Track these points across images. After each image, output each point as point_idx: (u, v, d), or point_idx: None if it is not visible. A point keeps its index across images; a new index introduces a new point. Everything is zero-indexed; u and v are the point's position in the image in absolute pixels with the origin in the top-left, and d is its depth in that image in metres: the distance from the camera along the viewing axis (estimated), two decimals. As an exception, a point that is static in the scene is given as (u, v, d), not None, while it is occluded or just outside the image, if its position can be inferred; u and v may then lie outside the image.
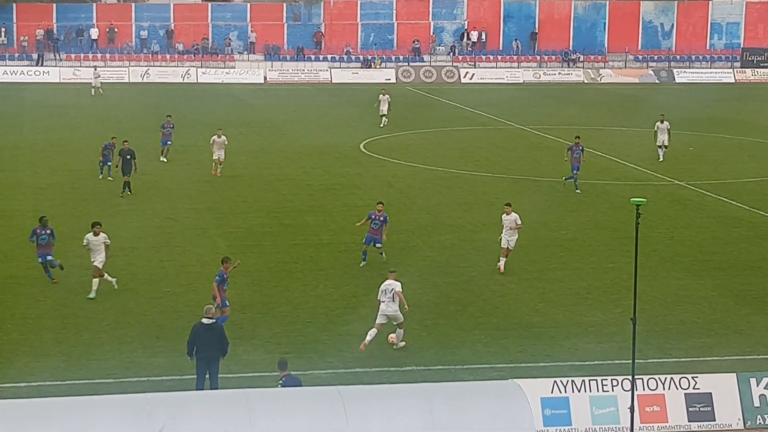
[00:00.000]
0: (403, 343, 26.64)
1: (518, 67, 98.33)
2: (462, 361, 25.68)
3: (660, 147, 52.85)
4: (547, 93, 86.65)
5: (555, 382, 22.30)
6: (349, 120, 68.11)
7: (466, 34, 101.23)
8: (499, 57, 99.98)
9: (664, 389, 22.43)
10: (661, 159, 52.57)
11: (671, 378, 22.59)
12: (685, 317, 29.27)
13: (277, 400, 20.50)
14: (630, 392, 21.33)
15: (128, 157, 44.05)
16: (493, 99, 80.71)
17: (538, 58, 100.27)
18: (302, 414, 20.08)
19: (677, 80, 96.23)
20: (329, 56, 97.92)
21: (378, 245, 33.65)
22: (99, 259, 30.20)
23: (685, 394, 22.45)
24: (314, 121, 67.52)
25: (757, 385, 22.58)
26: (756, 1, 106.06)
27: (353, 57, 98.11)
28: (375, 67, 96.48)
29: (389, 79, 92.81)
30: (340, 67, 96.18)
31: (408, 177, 48.96)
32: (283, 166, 50.99)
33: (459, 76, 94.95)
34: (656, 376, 22.66)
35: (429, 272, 33.16)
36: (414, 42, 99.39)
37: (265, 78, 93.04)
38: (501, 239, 33.23)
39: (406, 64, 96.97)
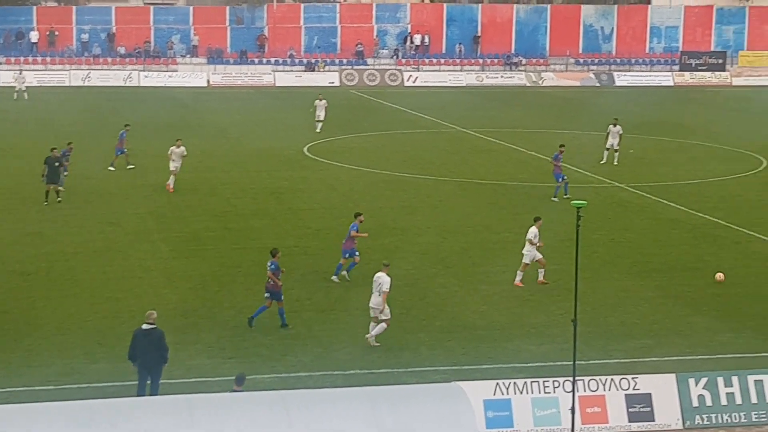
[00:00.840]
0: (376, 343, 26.77)
1: (461, 71, 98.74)
2: (406, 364, 25.78)
3: (608, 149, 53.32)
4: (489, 96, 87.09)
5: (497, 384, 22.46)
6: (292, 123, 68.08)
7: (409, 38, 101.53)
8: (443, 60, 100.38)
9: (604, 390, 22.66)
10: (604, 161, 53.03)
11: (612, 379, 22.82)
12: (626, 318, 29.58)
13: (220, 405, 20.48)
14: (571, 393, 21.54)
15: (56, 164, 42.75)
16: (436, 102, 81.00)
17: (481, 61, 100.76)
18: (245, 419, 20.09)
19: (617, 83, 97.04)
20: (273, 59, 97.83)
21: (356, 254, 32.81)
22: None
23: (625, 394, 22.69)
24: (258, 125, 67.45)
25: (696, 386, 22.87)
26: (694, 5, 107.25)
27: (297, 60, 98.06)
28: (318, 71, 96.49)
29: (333, 83, 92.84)
30: (283, 71, 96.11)
31: (351, 180, 49.05)
32: (227, 170, 50.87)
33: (402, 79, 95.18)
34: (597, 377, 22.88)
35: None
36: (357, 45, 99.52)
37: (208, 81, 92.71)
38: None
39: (350, 67, 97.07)
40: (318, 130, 62.74)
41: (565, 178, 45.23)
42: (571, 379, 21.64)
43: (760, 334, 28.38)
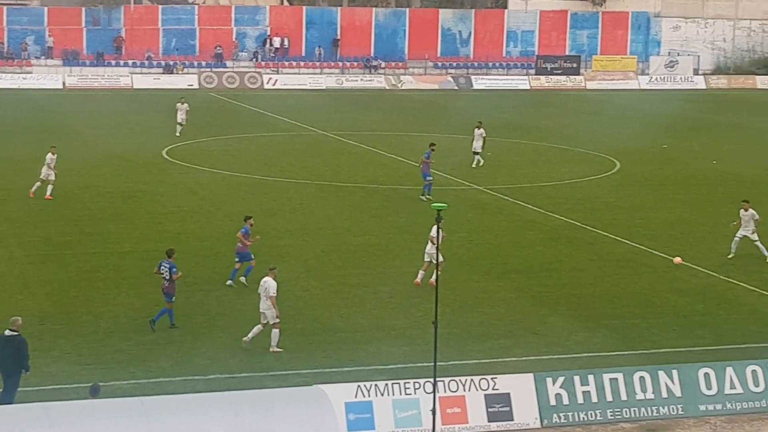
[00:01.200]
0: (278, 349, 26.76)
1: (321, 74, 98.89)
2: (267, 367, 25.72)
3: (475, 153, 53.97)
4: (349, 99, 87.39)
5: (359, 386, 22.56)
6: (151, 126, 67.31)
7: (268, 41, 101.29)
8: (302, 63, 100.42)
9: (464, 391, 22.92)
10: (474, 165, 53.65)
11: (471, 380, 23.10)
12: (485, 319, 29.99)
13: (78, 413, 20.17)
14: (432, 395, 21.75)
15: None
16: (296, 105, 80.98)
17: (341, 64, 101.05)
18: (104, 426, 19.82)
19: (475, 87, 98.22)
20: (130, 61, 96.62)
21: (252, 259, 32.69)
22: None
23: (484, 395, 22.98)
24: (115, 128, 66.47)
25: (554, 385, 23.30)
26: (549, 9, 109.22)
27: (155, 62, 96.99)
28: (177, 73, 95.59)
29: (192, 85, 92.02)
30: (141, 73, 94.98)
31: (212, 184, 48.73)
32: (83, 174, 50.01)
33: (262, 82, 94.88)
34: (457, 378, 23.14)
35: (225, 281, 33.04)
36: (216, 48, 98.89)
37: (63, 83, 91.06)
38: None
39: (209, 69, 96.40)
40: (178, 134, 62.05)
41: (431, 178, 45.67)
42: (431, 380, 21.85)
43: (615, 333, 29.06)
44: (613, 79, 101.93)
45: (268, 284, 27.05)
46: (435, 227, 32.66)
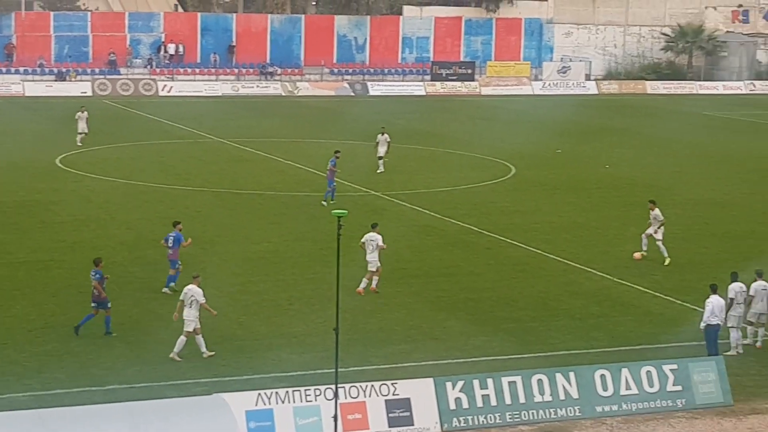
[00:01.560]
0: (208, 353, 26.82)
1: (216, 80, 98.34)
2: (166, 377, 25.54)
3: (380, 158, 54.26)
4: (245, 106, 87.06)
5: (259, 394, 22.55)
6: (44, 134, 66.32)
7: (163, 47, 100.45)
8: (197, 70, 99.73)
9: (365, 397, 23.02)
10: (381, 170, 53.84)
11: (372, 385, 23.21)
12: (384, 325, 30.13)
13: (-26, 426, 19.87)
14: (333, 401, 21.81)
15: None
16: (191, 112, 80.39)
17: (236, 71, 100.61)
18: (1, 439, 19.55)
19: (371, 93, 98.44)
20: (21, 69, 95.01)
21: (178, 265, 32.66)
22: None
23: (385, 400, 23.11)
24: (6, 136, 65.30)
25: (453, 389, 23.52)
26: (444, 16, 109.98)
27: (47, 69, 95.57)
28: (70, 80, 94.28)
29: (85, 92, 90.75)
30: (33, 80, 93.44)
31: (107, 192, 48.20)
32: (-26, 183, 49.16)
33: (157, 89, 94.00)
34: (358, 384, 23.23)
35: (131, 288, 32.81)
36: (110, 54, 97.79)
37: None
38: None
39: (103, 76, 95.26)
40: (79, 143, 61.04)
41: (334, 185, 45.74)
42: (332, 387, 21.90)
43: (512, 337, 29.41)
44: (508, 85, 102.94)
45: (194, 292, 27.06)
46: (369, 234, 33.11)
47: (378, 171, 53.99)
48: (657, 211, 37.91)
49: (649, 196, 40.15)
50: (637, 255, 37.84)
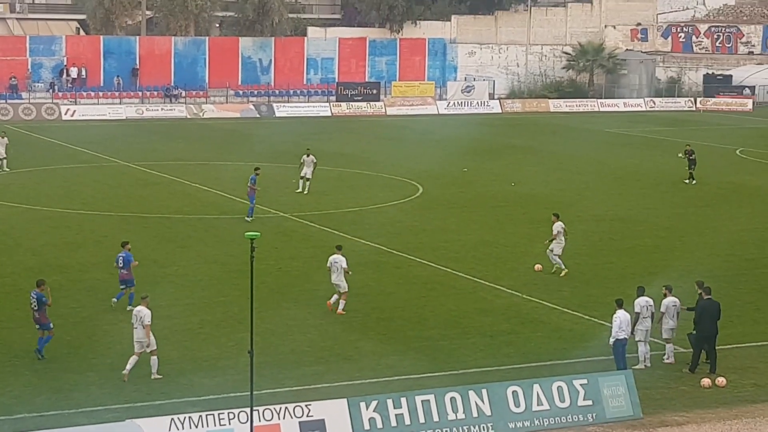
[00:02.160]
0: (158, 376, 26.94)
1: (121, 103, 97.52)
2: (77, 404, 25.26)
3: (302, 178, 54.54)
4: (150, 129, 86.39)
5: (172, 419, 22.42)
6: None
7: (65, 71, 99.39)
8: (101, 93, 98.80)
9: (279, 419, 23.00)
10: (303, 191, 54.24)
11: (286, 407, 23.20)
12: (296, 346, 30.11)
13: None
14: (248, 424, 21.75)
15: None
16: (96, 136, 79.53)
17: (141, 93, 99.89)
18: None
19: (277, 114, 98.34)
20: None
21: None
22: None
23: (299, 422, 23.12)
24: None
25: (367, 409, 23.58)
26: (348, 37, 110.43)
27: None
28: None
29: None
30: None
31: (11, 218, 47.50)
32: None
33: (60, 113, 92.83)
34: (272, 407, 23.20)
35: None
36: (11, 79, 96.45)
37: None
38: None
39: (4, 101, 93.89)
40: (6, 169, 60.06)
41: (254, 202, 46.76)
42: (246, 410, 21.84)
43: (424, 356, 29.56)
44: (413, 105, 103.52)
45: (143, 313, 27.21)
46: (333, 256, 33.14)
47: (298, 191, 54.09)
48: (560, 222, 38.80)
49: (554, 212, 40.63)
50: (538, 267, 38.75)
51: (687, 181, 60.26)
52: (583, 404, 25.12)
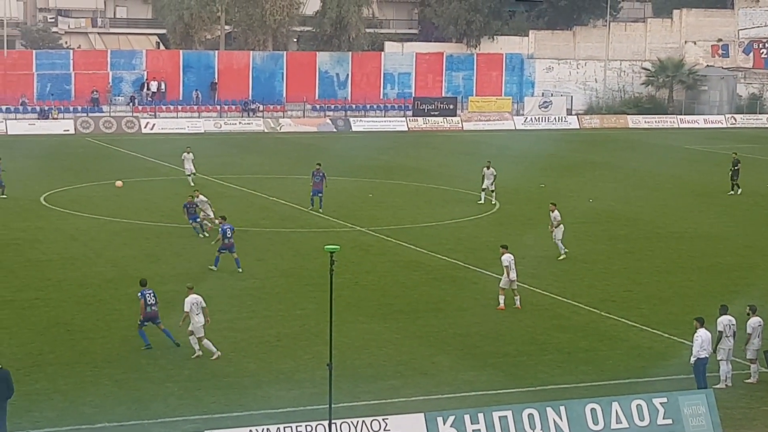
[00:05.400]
0: (217, 354, 28.82)
1: (199, 117, 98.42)
2: (155, 415, 25.47)
3: (484, 190, 56.51)
4: (228, 142, 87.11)
5: (251, 431, 22.48)
6: (27, 172, 66.05)
7: (145, 85, 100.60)
8: (180, 107, 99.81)
9: (356, 432, 23.00)
10: (482, 201, 56.18)
11: (363, 421, 23.19)
12: (373, 360, 30.11)
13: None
14: (325, 437, 21.80)
15: None
16: (175, 149, 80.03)
17: (219, 107, 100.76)
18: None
19: (354, 129, 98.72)
20: (4, 107, 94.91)
21: None
22: None
23: (377, 436, 23.11)
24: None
25: (444, 424, 23.49)
26: (425, 52, 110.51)
27: (29, 108, 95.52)
28: (52, 118, 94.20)
29: (68, 130, 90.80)
30: (15, 119, 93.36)
31: (92, 229, 48.11)
32: (-42, 222, 49.02)
33: (140, 126, 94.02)
34: (349, 420, 23.21)
35: (117, 326, 32.74)
36: (93, 92, 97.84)
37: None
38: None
39: (85, 114, 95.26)
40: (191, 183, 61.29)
41: (321, 194, 49.84)
42: (324, 422, 21.89)
43: (501, 371, 29.42)
44: (489, 120, 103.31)
45: (199, 299, 29.92)
46: (505, 255, 34.65)
47: (480, 202, 56.52)
48: (556, 212, 42.59)
49: (633, 229, 40.39)
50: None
51: (732, 192, 59.65)
52: (662, 423, 24.81)
